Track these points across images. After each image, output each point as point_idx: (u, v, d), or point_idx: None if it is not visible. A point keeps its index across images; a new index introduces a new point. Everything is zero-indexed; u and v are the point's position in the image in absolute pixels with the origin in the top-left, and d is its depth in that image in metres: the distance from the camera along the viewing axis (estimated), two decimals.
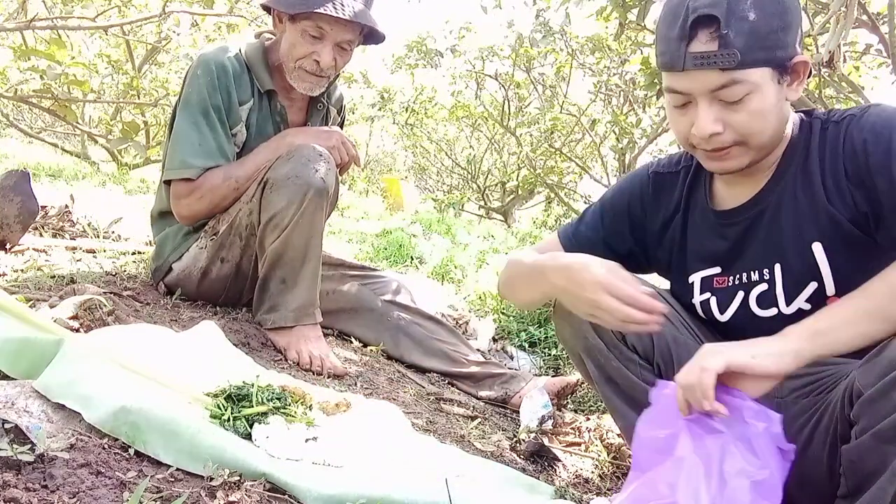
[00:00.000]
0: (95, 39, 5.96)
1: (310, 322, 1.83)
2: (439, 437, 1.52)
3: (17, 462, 0.91)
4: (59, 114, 3.96)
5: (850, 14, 1.91)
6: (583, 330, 1.31)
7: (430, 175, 11.66)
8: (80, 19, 3.89)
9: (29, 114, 8.80)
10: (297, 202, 1.73)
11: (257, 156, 1.84)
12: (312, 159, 1.75)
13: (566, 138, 7.18)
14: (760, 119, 1.08)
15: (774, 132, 1.12)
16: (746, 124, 1.08)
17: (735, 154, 1.12)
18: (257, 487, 1.02)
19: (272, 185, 1.75)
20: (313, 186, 1.73)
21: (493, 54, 6.85)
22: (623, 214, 1.34)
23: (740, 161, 1.13)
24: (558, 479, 1.49)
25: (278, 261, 1.79)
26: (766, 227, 1.18)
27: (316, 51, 1.81)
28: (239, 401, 1.28)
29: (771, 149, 1.14)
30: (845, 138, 1.09)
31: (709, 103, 1.08)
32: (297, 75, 1.86)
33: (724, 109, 1.08)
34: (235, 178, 1.81)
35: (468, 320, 2.51)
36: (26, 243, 2.11)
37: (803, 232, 1.13)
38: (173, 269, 1.93)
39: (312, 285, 1.83)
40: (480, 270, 3.29)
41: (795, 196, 1.15)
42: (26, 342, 1.21)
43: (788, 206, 1.15)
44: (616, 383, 1.31)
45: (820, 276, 1.12)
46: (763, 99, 1.07)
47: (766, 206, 1.18)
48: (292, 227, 1.74)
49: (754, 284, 1.19)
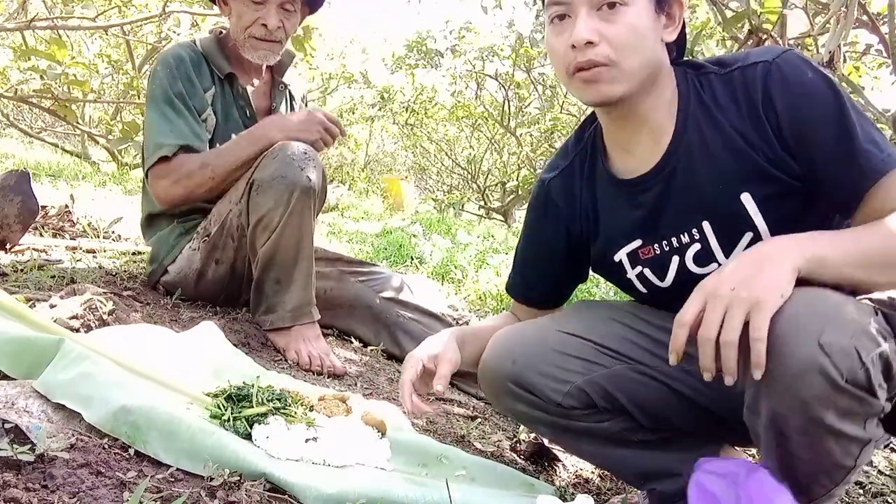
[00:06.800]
0: (95, 39, 5.96)
1: (307, 321, 1.83)
2: (439, 437, 1.52)
3: (17, 462, 0.91)
4: (59, 114, 3.96)
5: (850, 14, 1.91)
6: (511, 410, 1.27)
7: (430, 175, 11.65)
8: (80, 19, 3.89)
9: (29, 114, 8.80)
10: (284, 203, 1.73)
11: (235, 147, 1.83)
12: (297, 158, 1.75)
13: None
14: (634, 35, 1.06)
15: (646, 60, 1.08)
16: (621, 37, 1.06)
17: (607, 77, 1.08)
18: (257, 487, 1.02)
19: (258, 186, 1.75)
20: (299, 186, 1.73)
21: (493, 54, 6.85)
22: (543, 241, 1.33)
23: (612, 88, 1.08)
24: (558, 479, 1.49)
25: (270, 263, 1.79)
26: (681, 189, 1.14)
27: (261, 15, 1.86)
28: (239, 401, 1.28)
29: (642, 81, 1.10)
30: (764, 89, 1.06)
31: (587, 12, 1.07)
32: (250, 45, 1.90)
33: (601, 22, 1.06)
34: (213, 167, 1.81)
35: (468, 320, 2.51)
36: (26, 243, 2.11)
37: (727, 184, 1.09)
38: (169, 272, 1.93)
39: (307, 284, 1.83)
40: (480, 270, 3.29)
41: (708, 151, 1.11)
42: (26, 342, 1.21)
43: (702, 162, 1.11)
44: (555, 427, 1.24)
45: (754, 225, 1.09)
46: (638, 15, 1.06)
47: (676, 166, 1.13)
48: (281, 228, 1.74)
49: (686, 246, 1.15)
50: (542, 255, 1.35)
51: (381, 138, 11.86)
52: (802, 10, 2.06)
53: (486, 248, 4.16)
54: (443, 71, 7.50)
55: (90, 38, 5.71)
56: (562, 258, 1.33)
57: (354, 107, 9.44)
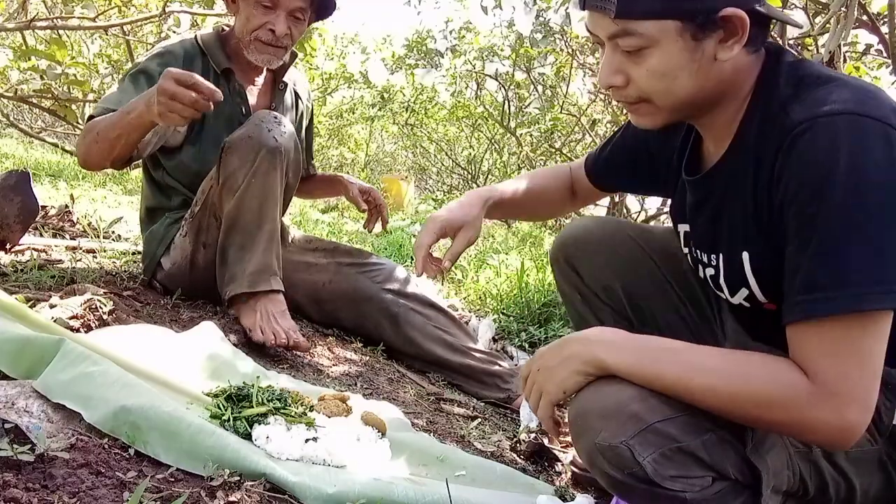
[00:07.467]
0: (95, 39, 5.96)
1: (265, 288, 1.75)
2: (439, 437, 1.52)
3: (17, 462, 0.91)
4: (59, 114, 3.96)
5: (850, 14, 1.91)
6: (561, 280, 1.43)
7: (430, 175, 11.65)
8: (81, 19, 3.89)
9: (29, 114, 8.80)
10: (249, 162, 1.71)
11: (117, 113, 1.64)
12: (266, 120, 1.75)
13: (566, 138, 7.18)
14: (661, 79, 0.94)
15: (686, 93, 0.96)
16: (646, 82, 0.96)
17: (645, 111, 1.01)
18: (257, 487, 1.02)
19: (228, 147, 1.74)
20: (265, 146, 1.71)
21: (493, 54, 6.85)
22: (637, 144, 1.28)
23: (654, 119, 1.01)
24: (558, 479, 1.49)
25: (234, 226, 1.75)
26: (711, 214, 1.06)
27: (269, 20, 1.84)
28: (239, 401, 1.28)
29: (689, 108, 0.99)
30: (775, 165, 0.91)
31: (612, 51, 0.97)
32: (255, 47, 1.88)
33: (626, 60, 0.96)
34: (98, 129, 1.66)
35: (468, 320, 2.51)
36: (26, 243, 2.11)
37: (736, 236, 1.01)
38: (163, 266, 1.91)
39: (269, 248, 1.77)
40: (480, 270, 3.29)
41: (738, 190, 0.99)
42: (26, 342, 1.21)
43: (732, 197, 1.01)
44: None
45: (748, 284, 1.01)
46: (665, 56, 0.93)
47: (714, 189, 1.05)
48: (244, 188, 1.71)
49: (705, 265, 1.11)
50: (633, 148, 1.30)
51: (381, 138, 11.86)
52: (802, 10, 2.06)
53: (485, 248, 4.16)
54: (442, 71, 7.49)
55: (90, 38, 5.70)
56: (644, 167, 1.28)
57: (354, 107, 9.44)
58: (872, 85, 0.93)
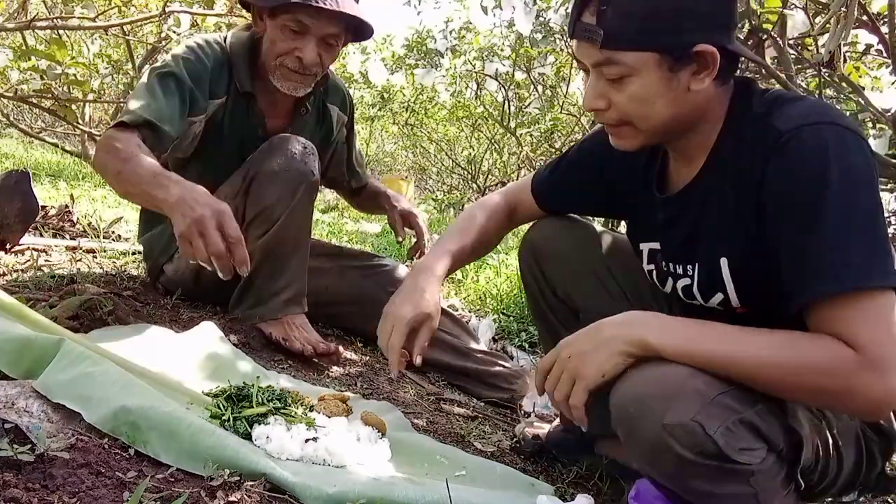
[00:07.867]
0: (95, 39, 5.95)
1: (297, 312, 1.80)
2: (439, 438, 1.52)
3: (17, 462, 0.91)
4: (59, 114, 3.95)
5: (850, 14, 1.90)
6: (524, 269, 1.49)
7: (430, 175, 11.65)
8: (81, 19, 3.88)
9: (29, 114, 8.79)
10: (289, 195, 1.70)
11: (148, 175, 1.45)
12: (298, 152, 1.72)
13: (566, 138, 7.17)
14: (641, 105, 1.04)
15: (663, 118, 1.05)
16: (626, 107, 1.05)
17: (626, 133, 1.10)
18: (257, 487, 1.02)
19: (263, 177, 1.70)
20: (305, 180, 1.71)
21: (492, 54, 6.85)
22: (589, 167, 1.34)
23: (633, 142, 1.10)
24: (558, 479, 1.49)
25: (267, 256, 1.74)
26: (687, 228, 1.14)
27: (298, 47, 1.69)
28: (239, 401, 1.28)
29: (665, 132, 1.09)
30: (765, 168, 0.99)
31: (596, 77, 1.06)
32: (280, 74, 1.74)
33: (609, 86, 1.05)
34: (123, 172, 1.47)
35: (468, 320, 2.51)
36: (26, 243, 2.11)
37: (714, 243, 1.09)
38: (165, 272, 1.91)
39: (301, 276, 1.80)
40: (480, 270, 3.29)
41: (714, 204, 1.09)
42: (26, 342, 1.21)
43: (708, 211, 1.10)
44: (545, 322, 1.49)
45: (725, 289, 1.09)
46: (644, 85, 1.02)
47: (689, 206, 1.13)
48: (283, 221, 1.71)
49: (678, 277, 1.18)
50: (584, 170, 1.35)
51: (381, 138, 11.86)
52: (802, 10, 2.06)
53: None
54: (442, 71, 7.49)
55: (90, 38, 5.70)
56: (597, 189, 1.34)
57: (354, 107, 9.44)
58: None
